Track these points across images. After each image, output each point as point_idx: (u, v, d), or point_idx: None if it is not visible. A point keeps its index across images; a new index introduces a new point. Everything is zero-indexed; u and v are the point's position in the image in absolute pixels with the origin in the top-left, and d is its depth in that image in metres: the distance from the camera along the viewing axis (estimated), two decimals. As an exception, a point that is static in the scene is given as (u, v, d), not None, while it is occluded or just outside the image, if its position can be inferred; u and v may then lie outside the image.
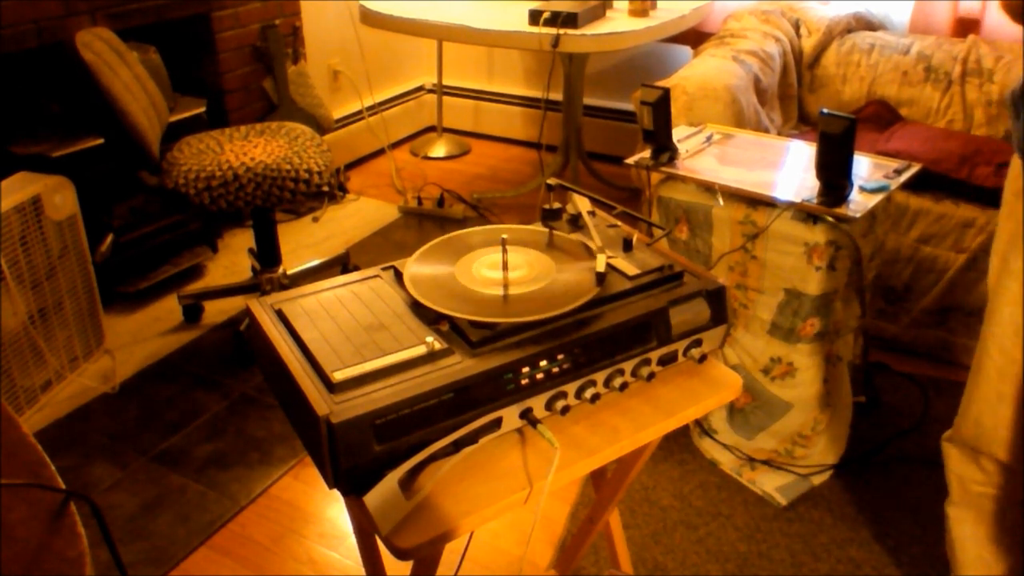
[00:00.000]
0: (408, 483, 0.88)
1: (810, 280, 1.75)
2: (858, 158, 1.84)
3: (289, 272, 2.56)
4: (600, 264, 1.03)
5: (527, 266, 1.05)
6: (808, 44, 2.76)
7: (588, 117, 3.67)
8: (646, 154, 1.90)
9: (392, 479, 0.84)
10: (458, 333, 0.95)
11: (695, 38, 3.11)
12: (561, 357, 0.94)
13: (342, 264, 2.76)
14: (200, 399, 2.24)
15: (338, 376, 0.87)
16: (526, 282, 1.02)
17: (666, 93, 1.79)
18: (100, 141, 2.51)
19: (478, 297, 0.99)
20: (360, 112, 3.72)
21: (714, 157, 1.91)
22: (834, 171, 1.66)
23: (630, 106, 3.60)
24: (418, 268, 1.05)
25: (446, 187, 3.50)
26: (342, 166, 3.59)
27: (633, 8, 2.75)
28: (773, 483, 1.90)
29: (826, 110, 1.64)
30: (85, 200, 2.31)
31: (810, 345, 1.82)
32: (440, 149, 3.92)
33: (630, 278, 1.04)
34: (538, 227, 1.16)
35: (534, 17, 2.60)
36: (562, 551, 1.75)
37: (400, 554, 0.83)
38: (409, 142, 4.06)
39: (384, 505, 0.84)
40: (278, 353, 0.93)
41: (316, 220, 3.25)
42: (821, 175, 1.68)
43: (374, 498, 0.83)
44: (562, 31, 2.54)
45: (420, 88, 4.13)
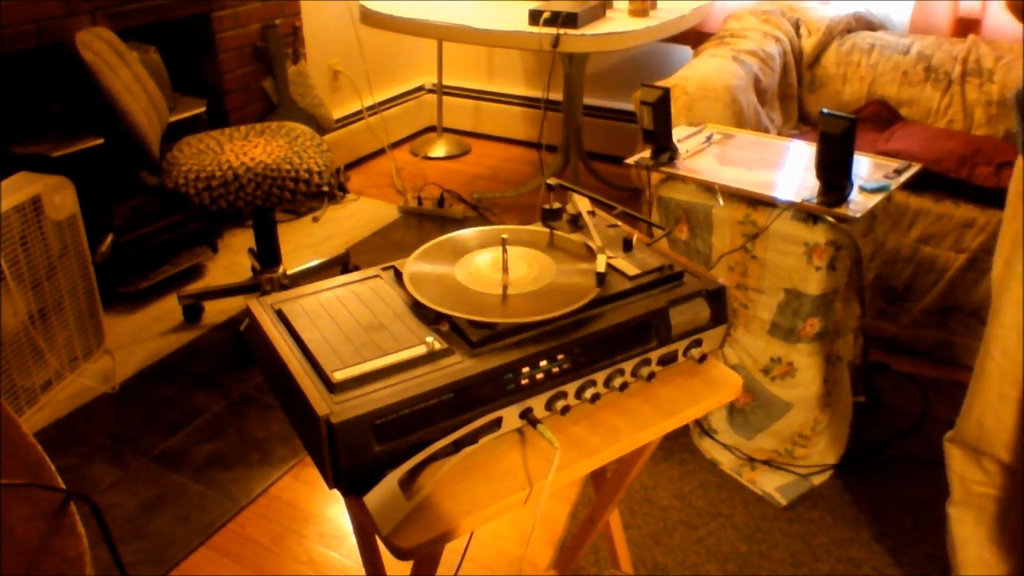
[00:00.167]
0: (408, 483, 0.88)
1: (810, 280, 1.75)
2: (858, 158, 1.84)
3: (289, 272, 2.56)
4: (600, 264, 1.03)
5: (527, 266, 1.05)
6: (808, 44, 2.76)
7: (588, 117, 3.67)
8: (646, 154, 1.90)
9: (392, 479, 0.84)
10: (458, 333, 0.95)
11: (695, 38, 3.11)
12: (561, 357, 0.94)
13: (342, 264, 2.76)
14: (200, 399, 2.24)
15: (338, 376, 0.87)
16: (526, 282, 1.02)
17: (666, 93, 1.79)
18: (100, 141, 2.51)
19: (478, 297, 0.99)
20: (360, 112, 3.72)
21: (714, 157, 1.91)
22: (834, 171, 1.66)
23: (630, 106, 3.60)
24: (418, 268, 1.05)
25: (446, 187, 3.50)
26: (342, 166, 3.59)
27: (633, 8, 2.75)
28: (773, 483, 1.90)
29: (826, 110, 1.64)
30: (85, 200, 2.31)
31: (810, 345, 1.82)
32: (440, 149, 3.92)
33: (630, 278, 1.04)
34: (538, 227, 1.16)
35: (534, 17, 2.60)
36: (562, 551, 1.75)
37: (400, 554, 0.83)
38: (409, 142, 4.06)
39: (384, 505, 0.84)
40: (278, 353, 0.93)
41: (316, 220, 3.25)
42: (821, 175, 1.68)
43: (374, 498, 0.83)
44: (562, 31, 2.54)
45: (420, 88, 4.13)
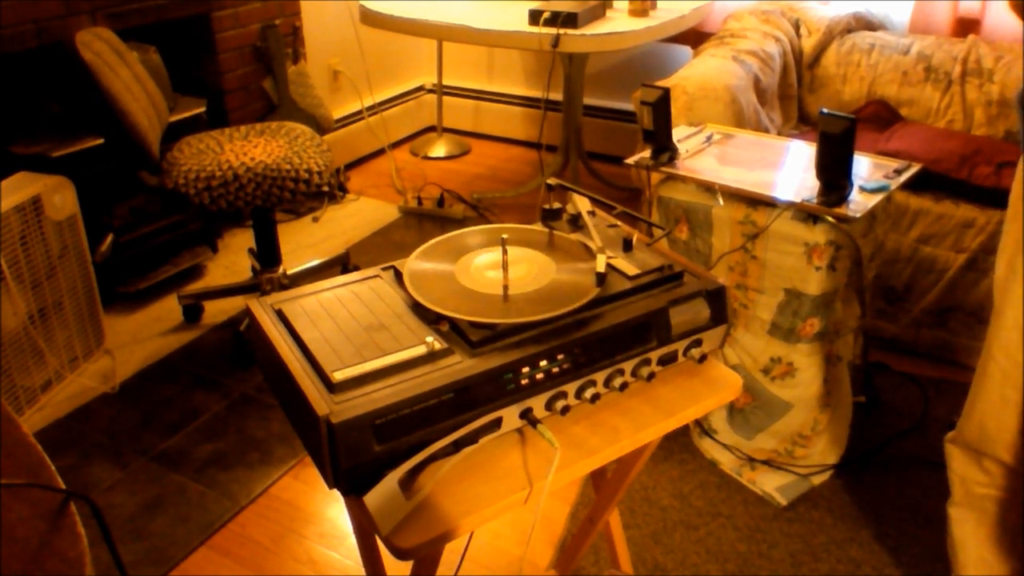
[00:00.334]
0: (408, 483, 0.88)
1: (810, 280, 1.75)
2: (858, 158, 1.84)
3: (289, 272, 2.56)
4: (600, 264, 1.03)
5: (527, 266, 1.05)
6: (808, 44, 2.76)
7: (588, 117, 3.67)
8: (646, 154, 1.90)
9: (392, 479, 0.84)
10: (458, 333, 0.95)
11: (695, 38, 3.11)
12: (561, 357, 0.94)
13: (342, 264, 2.76)
14: (200, 399, 2.24)
15: (338, 376, 0.87)
16: (526, 282, 1.02)
17: (666, 93, 1.79)
18: (100, 141, 2.51)
19: (478, 297, 0.99)
20: (360, 112, 3.72)
21: (714, 157, 1.91)
22: (834, 171, 1.66)
23: (630, 106, 3.60)
24: (418, 268, 1.05)
25: (446, 187, 3.50)
26: (342, 166, 3.59)
27: (633, 8, 2.75)
28: (773, 483, 1.90)
29: (826, 110, 1.64)
30: (85, 200, 2.31)
31: (810, 345, 1.82)
32: (440, 149, 3.92)
33: (630, 278, 1.04)
34: (538, 227, 1.16)
35: (534, 17, 2.60)
36: (562, 551, 1.75)
37: (400, 554, 0.83)
38: (409, 142, 4.06)
39: (384, 505, 0.84)
40: (278, 353, 0.93)
41: (316, 220, 3.25)
42: (821, 175, 1.68)
43: (374, 498, 0.83)
44: (562, 31, 2.54)
45: (420, 88, 4.13)
